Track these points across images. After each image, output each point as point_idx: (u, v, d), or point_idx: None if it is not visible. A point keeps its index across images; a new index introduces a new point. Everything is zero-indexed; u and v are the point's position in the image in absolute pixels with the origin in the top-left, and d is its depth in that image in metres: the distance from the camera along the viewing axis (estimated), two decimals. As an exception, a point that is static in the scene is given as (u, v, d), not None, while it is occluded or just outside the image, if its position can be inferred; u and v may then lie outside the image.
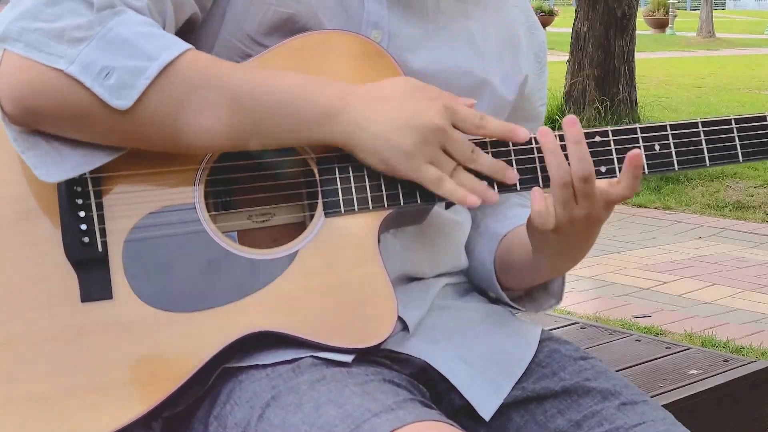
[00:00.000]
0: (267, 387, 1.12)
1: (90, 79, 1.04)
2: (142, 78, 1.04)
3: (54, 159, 1.07)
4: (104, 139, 1.08)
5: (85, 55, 1.04)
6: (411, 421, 1.03)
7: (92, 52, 1.04)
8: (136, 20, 1.07)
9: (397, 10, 1.23)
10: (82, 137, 1.08)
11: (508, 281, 1.34)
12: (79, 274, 1.10)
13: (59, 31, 1.04)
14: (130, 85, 1.04)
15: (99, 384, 1.09)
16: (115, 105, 1.04)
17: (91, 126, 1.07)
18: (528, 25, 1.38)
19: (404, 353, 1.22)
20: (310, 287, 1.13)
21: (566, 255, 1.22)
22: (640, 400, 1.23)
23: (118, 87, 1.04)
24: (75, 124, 1.07)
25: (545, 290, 1.37)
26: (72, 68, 1.04)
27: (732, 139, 1.21)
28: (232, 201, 1.18)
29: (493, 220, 1.38)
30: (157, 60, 1.05)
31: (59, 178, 1.07)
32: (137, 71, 1.04)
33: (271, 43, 1.17)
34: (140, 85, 1.04)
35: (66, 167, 1.07)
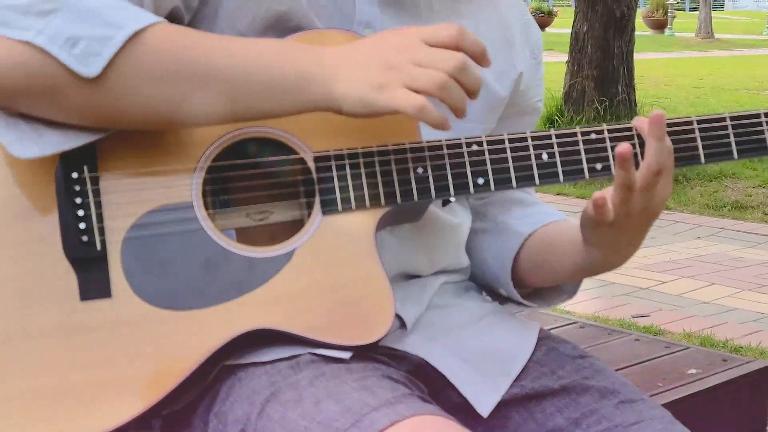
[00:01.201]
0: (266, 383, 1.12)
1: (57, 48, 1.03)
2: (109, 46, 1.04)
3: (31, 137, 1.07)
4: (78, 116, 1.08)
5: (53, 26, 1.04)
6: (410, 415, 1.03)
7: (59, 23, 1.04)
8: None
9: (389, 9, 1.24)
10: (57, 115, 1.07)
11: (534, 279, 1.34)
12: (78, 272, 1.10)
13: (27, 6, 1.04)
14: (96, 53, 1.04)
15: (98, 382, 1.09)
16: (82, 73, 1.04)
17: (62, 101, 1.06)
18: (523, 22, 1.38)
19: (402, 350, 1.22)
20: (307, 285, 1.13)
21: (620, 249, 1.21)
22: (638, 399, 1.23)
23: (84, 55, 1.03)
24: (47, 100, 1.06)
25: (556, 287, 1.37)
26: (39, 39, 1.03)
27: (727, 136, 1.21)
28: (230, 199, 1.19)
29: (511, 218, 1.38)
30: (123, 29, 1.04)
31: (35, 155, 1.06)
32: (104, 39, 1.04)
33: (264, 41, 1.17)
34: (106, 53, 1.04)
35: (42, 144, 1.07)
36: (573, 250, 1.25)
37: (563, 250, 1.28)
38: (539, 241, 1.33)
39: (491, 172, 1.17)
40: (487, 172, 1.17)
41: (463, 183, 1.16)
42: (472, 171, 1.16)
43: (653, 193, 1.14)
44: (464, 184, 1.16)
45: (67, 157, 1.10)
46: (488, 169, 1.17)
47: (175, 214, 1.12)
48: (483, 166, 1.17)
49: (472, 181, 1.17)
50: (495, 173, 1.17)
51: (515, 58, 1.35)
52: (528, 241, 1.34)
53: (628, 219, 1.15)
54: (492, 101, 1.32)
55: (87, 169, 1.11)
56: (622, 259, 1.23)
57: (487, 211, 1.39)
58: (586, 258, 1.24)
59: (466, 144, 1.17)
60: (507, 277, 1.34)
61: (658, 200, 1.15)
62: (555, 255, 1.30)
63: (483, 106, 1.30)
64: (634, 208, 1.14)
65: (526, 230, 1.35)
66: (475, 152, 1.17)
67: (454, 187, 1.17)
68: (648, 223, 1.18)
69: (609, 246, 1.21)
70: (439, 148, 1.16)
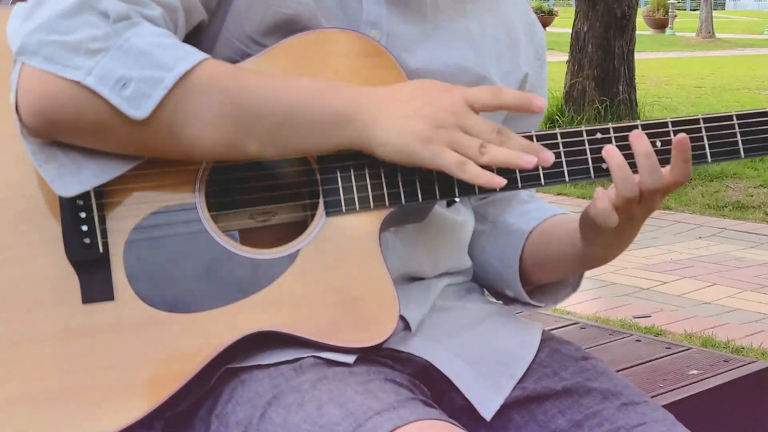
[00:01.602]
0: (269, 386, 1.12)
1: (107, 89, 1.04)
2: (159, 88, 1.05)
3: (71, 171, 1.07)
4: (122, 149, 1.09)
5: (102, 66, 1.04)
6: (413, 420, 1.03)
7: (109, 63, 1.04)
8: (151, 31, 1.07)
9: (395, 9, 1.24)
10: (100, 147, 1.08)
11: (539, 276, 1.35)
12: (80, 275, 1.10)
13: (76, 43, 1.04)
14: (146, 95, 1.05)
15: (101, 385, 1.09)
16: (131, 115, 1.05)
17: (109, 137, 1.07)
18: (527, 23, 1.38)
19: (406, 352, 1.22)
20: (311, 287, 1.13)
21: (619, 245, 1.23)
22: (640, 401, 1.23)
23: (134, 97, 1.04)
24: (93, 135, 1.07)
25: (558, 282, 1.37)
26: (89, 79, 1.04)
27: (734, 135, 1.20)
28: (233, 200, 1.18)
29: (510, 216, 1.38)
30: (173, 70, 1.05)
31: (77, 191, 1.07)
32: (154, 81, 1.05)
33: (271, 43, 1.17)
34: (157, 96, 1.05)
35: (82, 179, 1.08)
36: (572, 246, 1.26)
37: (562, 245, 1.29)
38: (539, 238, 1.34)
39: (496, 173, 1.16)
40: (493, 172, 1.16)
41: (468, 183, 1.16)
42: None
43: (654, 203, 1.17)
44: (469, 184, 1.16)
45: None
46: (493, 170, 1.16)
47: (177, 216, 1.12)
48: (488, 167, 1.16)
49: (476, 183, 1.16)
50: (500, 174, 1.16)
51: (520, 59, 1.35)
52: (529, 238, 1.34)
53: (629, 222, 1.18)
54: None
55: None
56: (619, 252, 1.26)
57: (486, 212, 1.39)
58: (584, 253, 1.25)
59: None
60: (515, 277, 1.34)
61: (657, 202, 1.18)
62: (555, 250, 1.31)
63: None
64: (636, 215, 1.17)
65: (527, 227, 1.35)
66: (479, 153, 1.16)
67: (459, 187, 1.16)
68: (645, 219, 1.21)
69: (608, 244, 1.22)
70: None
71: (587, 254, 1.25)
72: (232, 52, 1.17)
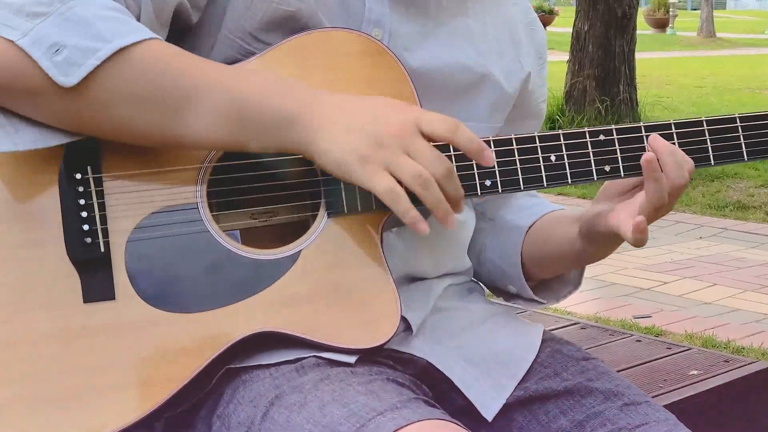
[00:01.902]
0: (271, 386, 1.12)
1: (39, 52, 1.03)
2: (92, 58, 1.03)
3: (8, 132, 1.07)
4: (56, 119, 1.07)
5: (39, 30, 1.03)
6: (415, 420, 1.03)
7: (47, 28, 1.03)
8: (101, 4, 1.06)
9: (398, 8, 1.23)
10: (34, 115, 1.07)
11: (538, 272, 1.35)
12: (81, 274, 1.10)
13: (20, 5, 1.04)
14: (78, 63, 1.03)
15: (101, 384, 1.08)
16: (60, 81, 1.03)
17: (40, 103, 1.06)
18: (527, 21, 1.38)
19: (407, 353, 1.22)
20: (313, 287, 1.13)
21: (617, 244, 1.24)
22: (642, 401, 1.23)
23: (65, 64, 1.03)
24: (26, 100, 1.06)
25: (560, 279, 1.37)
26: (23, 40, 1.03)
27: (737, 138, 1.20)
28: (234, 200, 1.18)
29: (508, 213, 1.38)
30: (110, 43, 1.04)
31: (7, 149, 1.06)
32: (88, 51, 1.03)
33: (272, 40, 1.17)
34: (88, 65, 1.03)
35: (17, 140, 1.06)
36: (569, 243, 1.27)
37: (559, 242, 1.29)
38: (537, 234, 1.34)
39: (499, 174, 1.16)
40: (495, 174, 1.16)
41: (470, 185, 1.16)
42: (479, 173, 1.16)
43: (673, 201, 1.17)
44: (472, 186, 1.16)
45: (71, 158, 1.09)
46: (496, 171, 1.16)
47: (179, 216, 1.12)
48: (490, 168, 1.16)
49: (479, 183, 1.16)
50: (502, 175, 1.16)
51: (522, 58, 1.35)
52: (528, 233, 1.35)
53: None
54: (500, 100, 1.31)
55: (91, 170, 1.10)
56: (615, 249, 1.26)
57: (485, 209, 1.39)
58: (582, 250, 1.26)
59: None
60: (518, 273, 1.35)
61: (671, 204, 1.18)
62: (552, 247, 1.31)
63: (490, 105, 1.30)
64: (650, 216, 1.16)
65: (526, 223, 1.36)
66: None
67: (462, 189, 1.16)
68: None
69: (609, 242, 1.23)
70: (445, 149, 1.16)
71: (585, 252, 1.26)
72: (232, 50, 1.17)
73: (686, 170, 1.16)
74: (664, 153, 1.15)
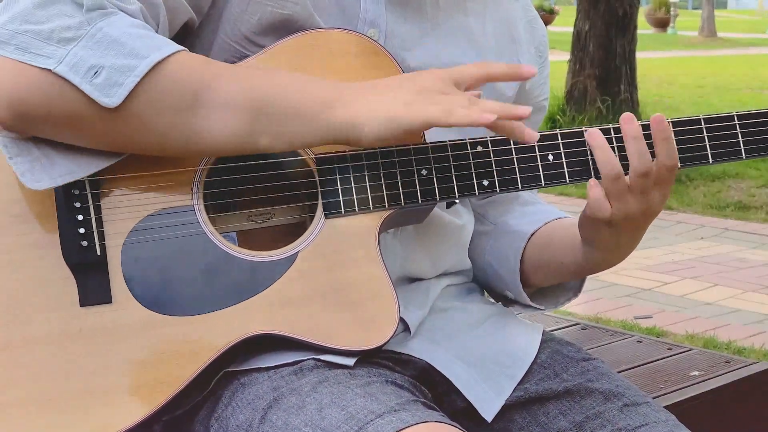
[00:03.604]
0: (269, 389, 1.11)
1: (78, 77, 1.03)
2: (131, 76, 1.03)
3: (43, 166, 1.06)
4: (97, 142, 1.08)
5: (74, 55, 1.03)
6: (414, 423, 1.02)
7: (81, 52, 1.03)
8: (126, 22, 1.06)
9: (395, 8, 1.23)
10: (75, 141, 1.07)
11: (538, 279, 1.34)
12: (77, 278, 1.09)
13: (48, 32, 1.04)
14: (118, 83, 1.03)
15: (98, 388, 1.08)
16: (103, 103, 1.03)
17: (81, 128, 1.06)
18: (528, 19, 1.37)
19: (406, 354, 1.22)
20: (310, 289, 1.12)
21: (618, 249, 1.23)
22: (642, 402, 1.22)
23: (106, 85, 1.03)
24: (66, 126, 1.06)
25: (560, 285, 1.36)
26: (60, 68, 1.03)
27: (735, 136, 1.20)
28: (231, 202, 1.18)
29: (511, 218, 1.37)
30: (146, 58, 1.04)
31: (47, 185, 1.06)
32: (126, 69, 1.03)
33: (268, 43, 1.17)
34: (129, 83, 1.03)
35: (54, 174, 1.06)
36: (573, 249, 1.25)
37: (564, 249, 1.28)
38: (541, 241, 1.33)
39: (496, 174, 1.16)
40: (493, 173, 1.16)
41: (468, 185, 1.15)
42: (476, 173, 1.16)
43: (649, 197, 1.16)
44: (469, 185, 1.15)
45: None
46: (493, 171, 1.16)
47: (175, 218, 1.11)
48: (488, 168, 1.16)
49: (477, 182, 1.16)
50: (500, 175, 1.16)
51: (521, 57, 1.35)
52: (531, 240, 1.34)
53: (626, 221, 1.17)
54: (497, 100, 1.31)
55: (87, 172, 1.10)
56: (622, 257, 1.25)
57: (486, 213, 1.39)
58: (585, 257, 1.25)
59: (471, 145, 1.16)
60: (515, 279, 1.34)
61: (656, 201, 1.17)
62: (556, 254, 1.30)
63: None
64: (631, 211, 1.16)
65: (529, 230, 1.35)
66: (480, 153, 1.16)
67: (459, 188, 1.16)
68: (647, 223, 1.20)
69: (608, 246, 1.22)
70: (443, 149, 1.15)
71: (587, 259, 1.25)
72: (229, 54, 1.17)
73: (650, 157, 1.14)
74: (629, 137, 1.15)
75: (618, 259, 1.25)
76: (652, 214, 1.18)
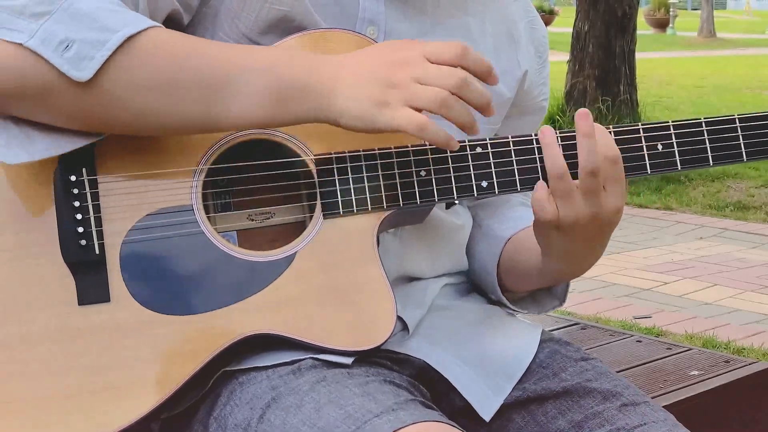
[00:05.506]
0: (267, 388, 1.11)
1: (49, 51, 1.03)
2: (102, 50, 1.03)
3: (21, 141, 1.06)
4: (71, 119, 1.07)
5: (45, 29, 1.03)
6: (411, 422, 1.02)
7: (52, 26, 1.03)
8: None
9: (394, 6, 1.23)
10: (48, 118, 1.07)
11: (512, 284, 1.33)
12: (76, 276, 1.09)
13: (21, 7, 1.04)
14: (89, 56, 1.03)
15: (96, 387, 1.08)
16: (74, 77, 1.03)
17: (54, 103, 1.05)
18: (528, 20, 1.37)
19: (404, 353, 1.22)
20: (308, 289, 1.12)
21: (574, 259, 1.20)
22: (641, 401, 1.22)
23: (77, 59, 1.03)
24: (39, 101, 1.05)
25: (548, 292, 1.36)
26: (31, 41, 1.03)
27: (736, 138, 1.20)
28: (230, 202, 1.18)
29: (495, 222, 1.37)
30: (117, 32, 1.04)
31: (24, 160, 1.06)
32: (97, 43, 1.03)
33: (267, 41, 1.17)
34: (100, 57, 1.03)
35: (32, 150, 1.06)
36: (536, 256, 1.24)
37: (528, 256, 1.27)
38: (513, 246, 1.33)
39: (495, 175, 1.16)
40: (492, 175, 1.16)
41: (466, 186, 1.15)
42: (475, 174, 1.16)
43: (600, 200, 1.12)
44: (468, 187, 1.15)
45: (66, 159, 1.09)
46: (492, 172, 1.16)
47: (174, 218, 1.11)
48: (487, 169, 1.16)
49: (475, 184, 1.16)
50: (499, 176, 1.16)
51: (520, 57, 1.34)
52: (506, 246, 1.33)
53: (576, 227, 1.13)
54: (496, 101, 1.31)
55: (86, 171, 1.10)
56: (582, 269, 1.22)
57: (476, 214, 1.39)
58: (544, 265, 1.23)
59: (470, 146, 1.16)
60: (493, 283, 1.33)
61: (608, 208, 1.13)
62: (522, 261, 1.29)
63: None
64: (581, 214, 1.13)
65: (506, 234, 1.34)
66: (479, 155, 1.16)
67: (458, 190, 1.16)
68: (602, 234, 1.16)
69: (563, 255, 1.19)
70: (442, 150, 1.15)
71: (545, 267, 1.23)
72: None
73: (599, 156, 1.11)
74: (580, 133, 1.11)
75: (579, 271, 1.22)
76: (607, 222, 1.14)
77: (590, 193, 1.12)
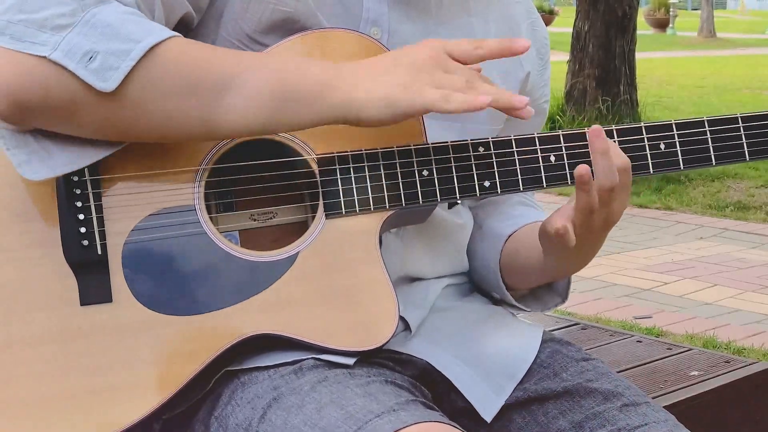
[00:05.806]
0: (269, 388, 1.11)
1: (74, 63, 1.03)
2: (127, 60, 1.03)
3: (41, 157, 1.06)
4: (95, 130, 1.07)
5: (68, 41, 1.03)
6: (412, 423, 1.02)
7: (75, 38, 1.03)
8: (120, 9, 1.06)
9: (398, 7, 1.23)
10: (72, 130, 1.07)
11: (514, 282, 1.34)
12: (78, 277, 1.09)
13: (42, 20, 1.03)
14: (114, 67, 1.03)
15: (98, 387, 1.08)
16: (100, 87, 1.03)
17: (79, 115, 1.05)
18: (530, 21, 1.38)
19: (406, 354, 1.22)
20: (311, 289, 1.12)
21: (578, 257, 1.23)
22: (642, 402, 1.22)
23: (102, 69, 1.03)
24: (63, 114, 1.05)
25: (550, 289, 1.37)
26: (55, 54, 1.03)
27: (739, 138, 1.20)
28: (232, 202, 1.18)
29: (496, 220, 1.37)
30: (141, 42, 1.04)
31: (46, 176, 1.06)
32: (121, 53, 1.03)
33: (271, 42, 1.17)
34: (124, 67, 1.03)
35: (52, 164, 1.06)
36: (537, 255, 1.25)
37: (529, 253, 1.28)
38: (512, 244, 1.33)
39: (498, 175, 1.16)
40: (494, 174, 1.16)
41: (469, 186, 1.15)
42: (478, 174, 1.16)
43: (611, 208, 1.16)
44: (470, 187, 1.15)
45: None
46: (495, 172, 1.16)
47: (176, 218, 1.11)
48: (490, 169, 1.16)
49: (478, 183, 1.16)
50: (502, 176, 1.16)
51: (522, 58, 1.34)
52: (506, 243, 1.34)
53: (588, 234, 1.17)
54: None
55: (88, 172, 1.10)
56: (584, 264, 1.25)
57: (476, 214, 1.39)
58: (547, 263, 1.25)
59: (473, 146, 1.17)
60: (497, 280, 1.34)
61: (616, 211, 1.17)
62: (523, 258, 1.30)
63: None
64: (595, 225, 1.16)
65: (506, 232, 1.35)
66: (481, 155, 1.16)
67: (460, 189, 1.16)
68: (607, 231, 1.19)
69: (568, 257, 1.22)
70: (445, 150, 1.15)
71: (549, 265, 1.25)
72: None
73: (617, 174, 1.13)
74: (596, 152, 1.13)
75: (580, 265, 1.25)
76: (613, 222, 1.18)
77: (605, 205, 1.15)
